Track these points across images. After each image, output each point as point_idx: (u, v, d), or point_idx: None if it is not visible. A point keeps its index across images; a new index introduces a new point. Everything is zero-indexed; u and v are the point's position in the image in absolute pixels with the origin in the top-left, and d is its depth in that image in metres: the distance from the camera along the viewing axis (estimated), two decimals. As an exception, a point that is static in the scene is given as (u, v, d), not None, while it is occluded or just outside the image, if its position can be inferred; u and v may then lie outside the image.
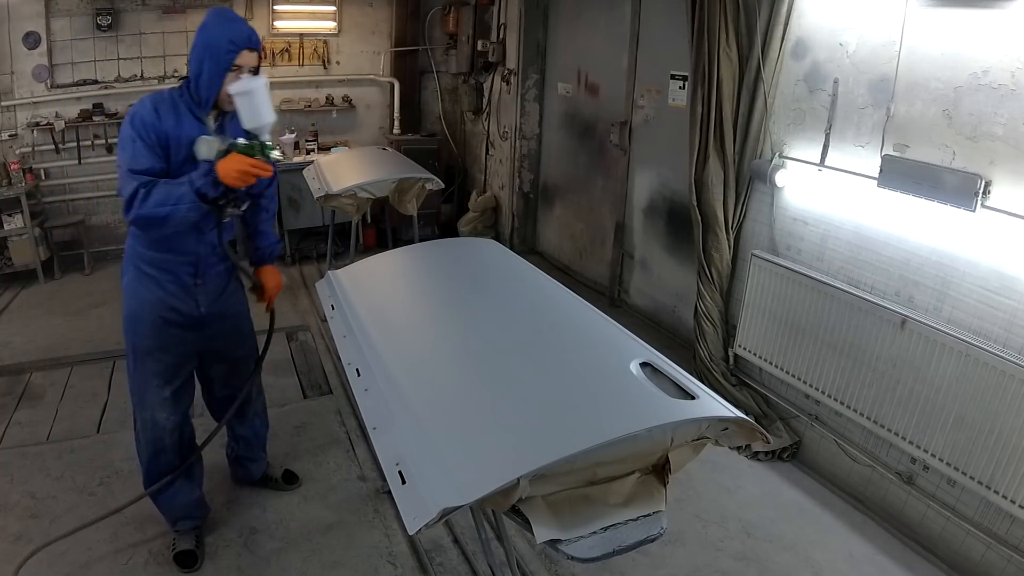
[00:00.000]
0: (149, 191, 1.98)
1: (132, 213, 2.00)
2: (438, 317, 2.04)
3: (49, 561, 2.39)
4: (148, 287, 2.25)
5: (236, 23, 2.06)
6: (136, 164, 2.01)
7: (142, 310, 2.26)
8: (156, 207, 1.98)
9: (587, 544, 1.31)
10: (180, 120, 2.08)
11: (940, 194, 2.33)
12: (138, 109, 2.06)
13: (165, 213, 2.00)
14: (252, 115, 2.03)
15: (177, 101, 2.10)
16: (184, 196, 2.00)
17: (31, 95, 4.96)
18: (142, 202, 1.98)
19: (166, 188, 2.00)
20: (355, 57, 5.94)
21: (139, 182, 1.98)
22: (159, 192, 1.99)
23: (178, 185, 2.01)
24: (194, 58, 2.06)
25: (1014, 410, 2.18)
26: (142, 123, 2.02)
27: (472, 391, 1.58)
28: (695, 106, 3.23)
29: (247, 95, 2.01)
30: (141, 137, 2.02)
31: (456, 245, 2.86)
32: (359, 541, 2.57)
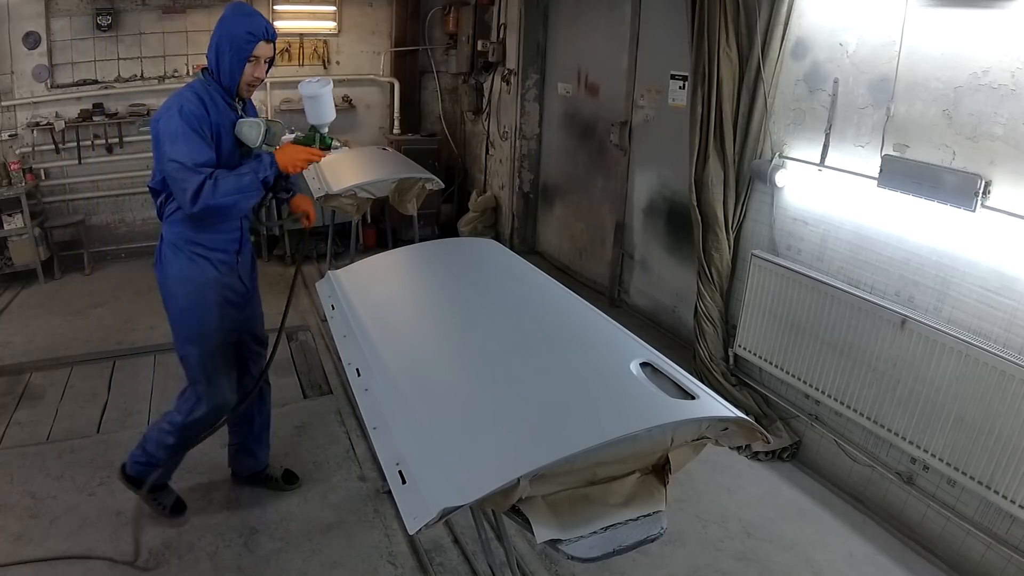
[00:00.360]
0: (216, 182, 2.10)
1: (199, 204, 2.08)
2: (438, 317, 2.04)
3: (50, 561, 2.39)
4: (204, 269, 2.33)
5: (254, 16, 2.19)
6: (199, 157, 2.10)
7: (205, 293, 2.34)
8: (225, 196, 2.11)
9: (587, 544, 1.31)
10: (219, 108, 2.21)
11: (940, 194, 2.33)
12: (184, 103, 2.13)
13: (233, 202, 2.14)
14: (318, 114, 2.29)
15: (211, 91, 2.20)
16: (250, 185, 2.15)
17: (31, 95, 4.96)
18: (212, 193, 2.08)
19: (233, 179, 2.12)
20: (355, 57, 5.94)
21: (204, 174, 2.09)
22: (226, 183, 2.11)
23: (241, 175, 2.14)
24: (214, 49, 2.18)
25: (1014, 410, 2.18)
26: (193, 115, 2.11)
27: (472, 391, 1.58)
28: (695, 106, 3.23)
29: (316, 99, 2.26)
30: (195, 129, 2.11)
31: (456, 245, 2.87)
32: (359, 541, 2.57)
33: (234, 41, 2.14)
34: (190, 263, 2.32)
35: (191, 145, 2.10)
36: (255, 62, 2.20)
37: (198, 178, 2.07)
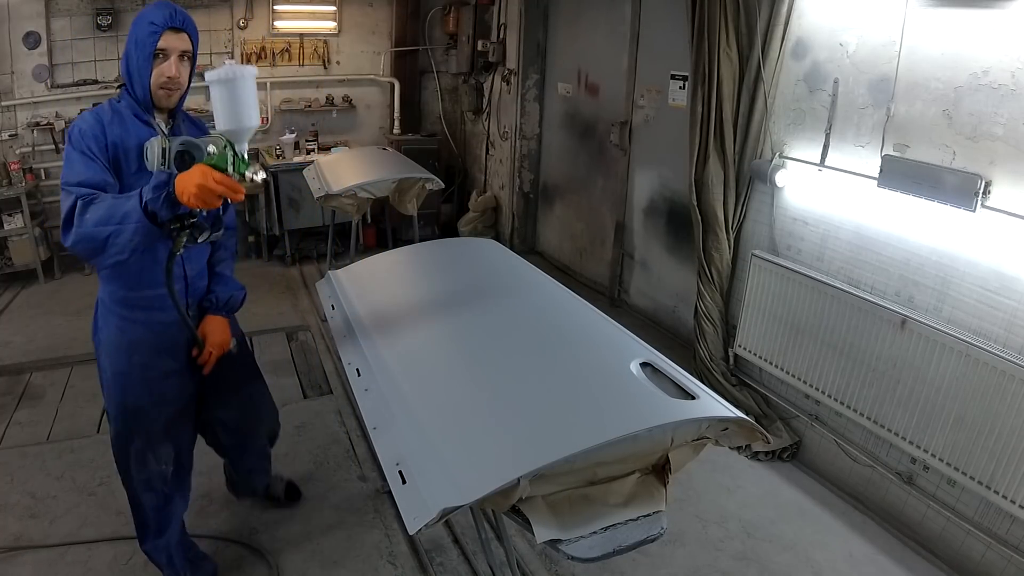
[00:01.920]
0: (87, 206, 1.63)
1: (70, 235, 1.64)
2: (438, 317, 2.04)
3: (50, 561, 2.39)
4: (136, 332, 1.94)
5: (162, 6, 1.79)
6: (72, 176, 1.70)
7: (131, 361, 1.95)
8: (96, 226, 1.61)
9: (587, 544, 1.31)
10: (126, 126, 1.81)
11: (940, 194, 2.33)
12: (78, 123, 1.80)
13: (107, 234, 1.60)
14: (228, 113, 1.58)
15: (119, 108, 1.84)
16: (130, 214, 1.58)
17: (31, 95, 4.96)
18: (80, 219, 1.62)
19: (109, 203, 1.62)
20: (355, 57, 5.94)
21: (76, 195, 1.65)
22: (100, 208, 1.62)
23: (124, 200, 1.62)
24: (124, 55, 1.84)
25: (1014, 410, 2.18)
26: (80, 135, 1.76)
27: (472, 391, 1.58)
28: (695, 106, 3.23)
29: (224, 84, 1.57)
30: (81, 150, 1.74)
31: (456, 245, 2.86)
32: (359, 541, 2.57)
33: (138, 38, 1.77)
34: (120, 329, 1.94)
35: (71, 165, 1.73)
36: (163, 58, 1.77)
37: (70, 199, 1.65)
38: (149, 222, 1.58)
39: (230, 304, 2.12)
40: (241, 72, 1.57)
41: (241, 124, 1.59)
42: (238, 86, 1.57)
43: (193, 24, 1.82)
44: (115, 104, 1.85)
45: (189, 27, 1.80)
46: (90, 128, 1.77)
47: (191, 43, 1.82)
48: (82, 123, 1.80)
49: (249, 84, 1.59)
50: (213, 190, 1.53)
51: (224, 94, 1.57)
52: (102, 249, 1.62)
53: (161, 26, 1.75)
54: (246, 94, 1.58)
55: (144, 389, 1.98)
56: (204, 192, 1.52)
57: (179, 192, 1.55)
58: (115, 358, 1.96)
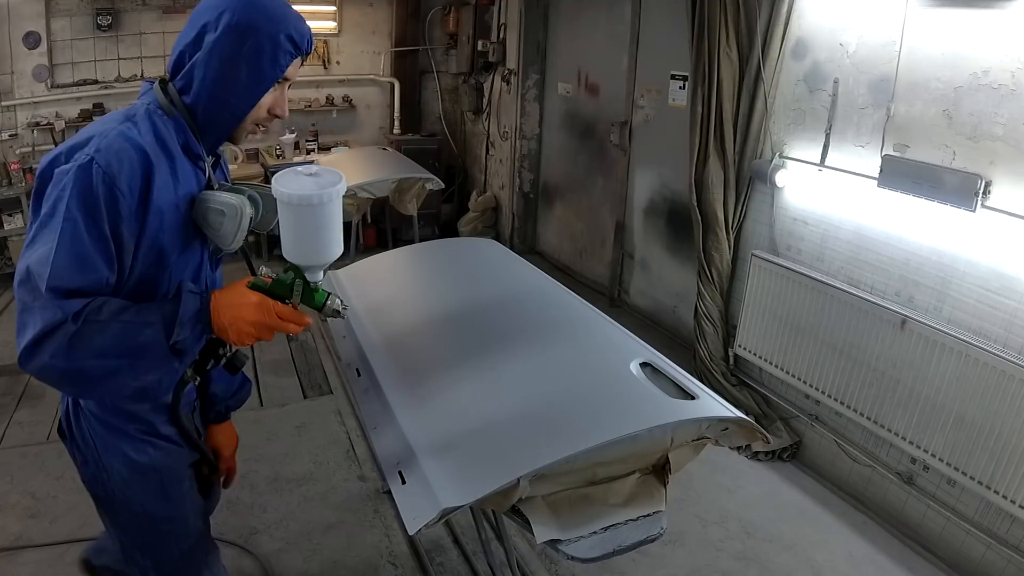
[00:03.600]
0: (85, 327, 1.06)
1: (37, 362, 1.06)
2: (438, 317, 2.04)
3: (49, 561, 2.39)
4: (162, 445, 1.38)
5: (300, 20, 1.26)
6: (69, 278, 1.07)
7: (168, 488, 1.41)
8: (94, 358, 1.07)
9: (587, 544, 1.31)
10: (174, 165, 1.20)
11: (940, 194, 2.33)
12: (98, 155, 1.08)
13: (106, 371, 1.09)
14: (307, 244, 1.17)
15: (164, 130, 1.20)
16: (147, 348, 1.10)
17: (31, 95, 4.96)
18: (67, 347, 1.05)
19: (118, 327, 1.08)
20: (355, 57, 5.94)
21: (66, 311, 1.05)
22: (104, 333, 1.07)
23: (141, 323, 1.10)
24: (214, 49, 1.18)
25: (1014, 410, 2.18)
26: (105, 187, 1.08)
27: (472, 391, 1.58)
28: (695, 106, 3.23)
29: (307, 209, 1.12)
30: (90, 216, 1.07)
31: (456, 245, 2.86)
32: (359, 541, 2.57)
33: (260, 45, 1.19)
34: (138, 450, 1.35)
35: (72, 249, 1.07)
36: (280, 88, 1.29)
37: (54, 314, 1.05)
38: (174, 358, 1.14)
39: (239, 399, 1.63)
40: (330, 193, 1.12)
41: (322, 258, 1.19)
42: (322, 213, 1.13)
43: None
44: (157, 123, 1.19)
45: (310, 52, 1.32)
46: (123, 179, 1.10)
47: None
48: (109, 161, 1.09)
49: (338, 207, 1.16)
50: (273, 327, 1.17)
51: (301, 220, 1.13)
52: (90, 387, 1.14)
53: (302, 51, 1.27)
54: (334, 219, 1.16)
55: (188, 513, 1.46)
56: (261, 329, 1.17)
57: (221, 326, 1.15)
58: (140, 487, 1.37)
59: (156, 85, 1.24)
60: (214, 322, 1.15)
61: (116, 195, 1.09)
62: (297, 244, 1.17)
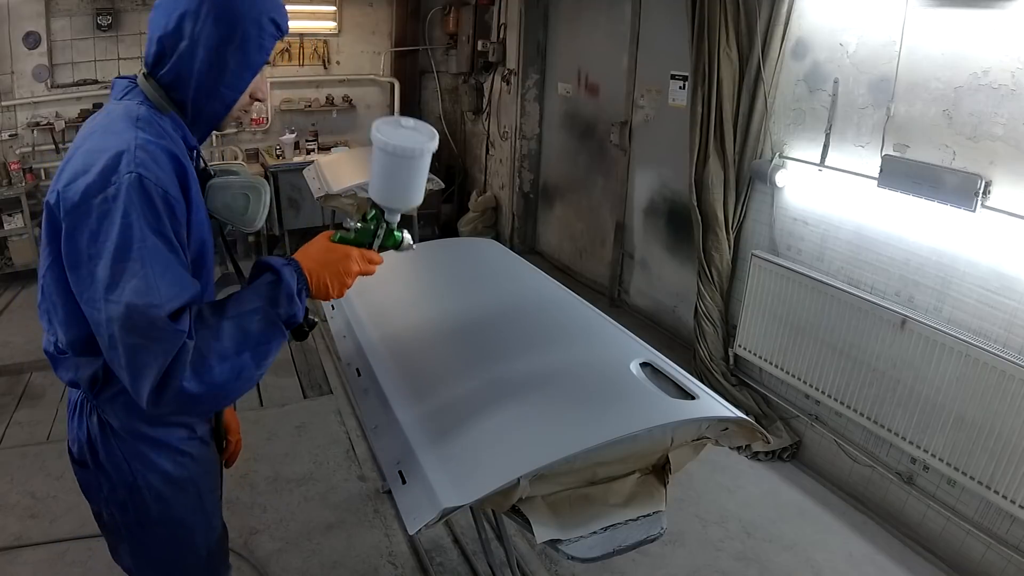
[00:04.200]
0: (200, 342, 1.05)
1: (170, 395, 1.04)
2: (438, 317, 2.04)
3: (49, 561, 2.39)
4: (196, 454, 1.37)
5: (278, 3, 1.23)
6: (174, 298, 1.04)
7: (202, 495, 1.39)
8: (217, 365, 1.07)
9: (587, 544, 1.31)
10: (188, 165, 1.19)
11: (940, 194, 2.33)
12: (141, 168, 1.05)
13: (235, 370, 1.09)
14: (394, 189, 1.21)
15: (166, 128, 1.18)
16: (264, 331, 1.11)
17: (31, 95, 4.96)
18: (195, 368, 1.04)
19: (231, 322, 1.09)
20: (355, 57, 5.94)
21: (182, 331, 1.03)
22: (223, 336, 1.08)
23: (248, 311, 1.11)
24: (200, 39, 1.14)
25: (1014, 410, 2.18)
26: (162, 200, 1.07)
27: (472, 391, 1.58)
28: (695, 106, 3.23)
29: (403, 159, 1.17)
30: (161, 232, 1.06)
31: (456, 245, 2.86)
32: (359, 541, 2.57)
33: (247, 32, 1.16)
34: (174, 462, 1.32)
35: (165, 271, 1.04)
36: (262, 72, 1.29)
37: (176, 341, 1.02)
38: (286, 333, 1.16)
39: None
40: (429, 146, 1.18)
41: (408, 203, 1.24)
42: (418, 163, 1.19)
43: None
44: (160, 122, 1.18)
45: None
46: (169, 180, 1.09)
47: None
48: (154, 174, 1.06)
49: (428, 159, 1.21)
50: (367, 272, 1.24)
51: (397, 168, 1.18)
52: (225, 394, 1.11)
53: (283, 31, 1.25)
54: (423, 170, 1.22)
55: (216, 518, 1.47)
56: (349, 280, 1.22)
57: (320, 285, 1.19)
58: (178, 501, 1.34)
59: (141, 80, 1.21)
60: (312, 283, 1.18)
61: (171, 203, 1.09)
62: (387, 188, 1.22)
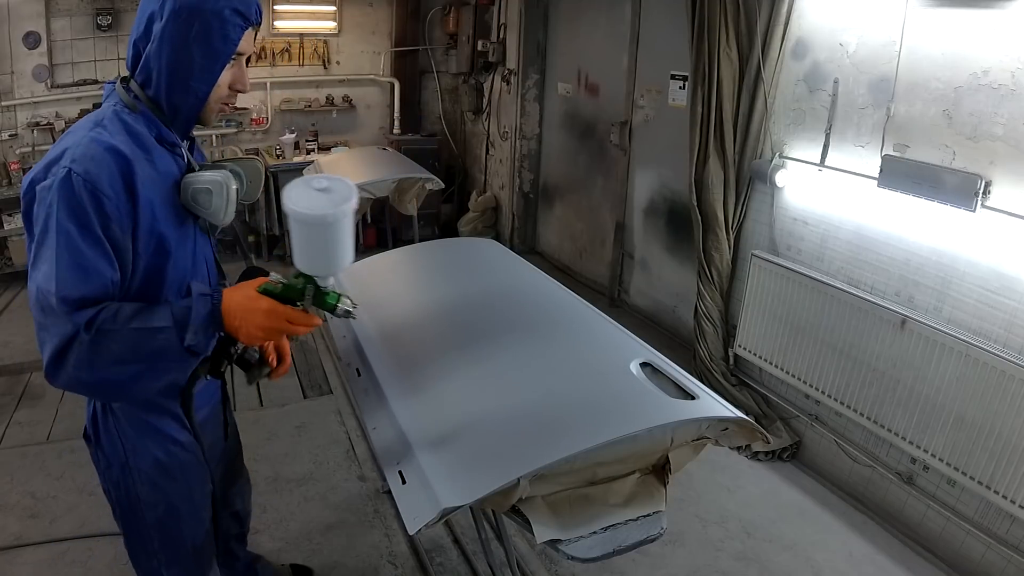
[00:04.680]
0: (98, 337, 1.10)
1: (63, 377, 1.12)
2: (438, 317, 2.04)
3: (49, 561, 2.39)
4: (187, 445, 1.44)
5: None
6: (74, 288, 1.11)
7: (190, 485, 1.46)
8: (113, 365, 1.12)
9: (587, 544, 1.31)
10: (152, 159, 1.23)
11: (940, 194, 2.33)
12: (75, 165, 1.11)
13: (127, 376, 1.14)
14: (320, 256, 1.17)
15: (134, 128, 1.23)
16: (164, 352, 1.14)
17: (31, 95, 4.96)
18: (86, 359, 1.10)
19: (130, 333, 1.12)
20: (355, 57, 5.94)
21: (77, 322, 1.10)
22: (117, 342, 1.11)
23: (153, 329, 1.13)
24: (165, 38, 1.19)
25: (1014, 410, 2.18)
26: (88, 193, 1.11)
27: (472, 391, 1.58)
28: (695, 106, 3.23)
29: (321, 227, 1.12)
30: (82, 224, 1.11)
31: (456, 245, 2.86)
32: (359, 541, 2.57)
33: (208, 24, 1.19)
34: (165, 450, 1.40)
35: (73, 260, 1.11)
36: (238, 63, 1.29)
37: (66, 327, 1.09)
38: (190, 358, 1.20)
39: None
40: (344, 210, 1.11)
41: (332, 269, 1.20)
42: (335, 228, 1.13)
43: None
44: (126, 121, 1.23)
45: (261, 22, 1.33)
46: (103, 182, 1.12)
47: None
48: (86, 168, 1.11)
49: (350, 220, 1.14)
50: (283, 331, 1.20)
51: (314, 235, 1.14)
52: (117, 391, 1.21)
53: (251, 21, 1.26)
54: (345, 232, 1.15)
55: (205, 511, 1.52)
56: (271, 334, 1.20)
57: (232, 328, 1.18)
58: (164, 485, 1.41)
59: (118, 84, 1.28)
60: (226, 323, 1.18)
61: (100, 198, 1.12)
62: (309, 256, 1.18)
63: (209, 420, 1.58)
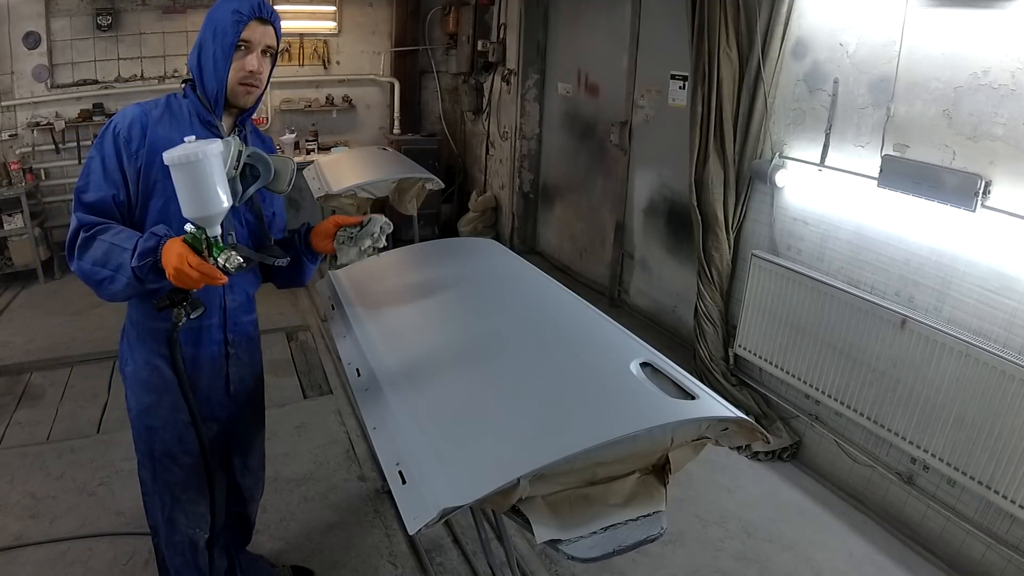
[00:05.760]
0: (89, 241, 1.51)
1: (72, 261, 1.54)
2: (438, 317, 2.04)
3: (49, 561, 2.39)
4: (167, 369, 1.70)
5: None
6: (84, 193, 1.55)
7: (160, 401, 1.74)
8: (92, 266, 1.50)
9: (587, 544, 1.31)
10: (180, 127, 1.60)
11: (940, 194, 2.33)
12: (116, 118, 1.59)
13: (101, 278, 1.50)
14: (192, 199, 1.39)
15: (178, 106, 1.64)
16: (123, 267, 1.46)
17: (31, 95, 4.97)
18: (79, 252, 1.52)
19: (108, 245, 1.48)
20: (355, 57, 5.94)
21: (81, 221, 1.52)
22: (98, 248, 1.49)
23: (121, 247, 1.47)
24: (197, 47, 1.63)
25: (1014, 410, 2.18)
26: (113, 135, 1.56)
27: (472, 391, 1.58)
28: (695, 106, 3.23)
29: (185, 168, 1.37)
30: (103, 157, 1.56)
31: (456, 245, 2.86)
32: (359, 541, 2.57)
33: (217, 26, 1.57)
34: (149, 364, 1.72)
35: (87, 174, 1.56)
36: (246, 51, 1.60)
37: (75, 222, 1.53)
38: (139, 282, 1.46)
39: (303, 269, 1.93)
40: (203, 152, 1.37)
41: (206, 211, 1.40)
42: (200, 168, 1.37)
43: (278, 17, 1.67)
44: (174, 101, 1.65)
45: (276, 20, 1.65)
46: (126, 128, 1.57)
47: (275, 38, 1.66)
48: (121, 120, 1.58)
49: (214, 164, 1.39)
50: (188, 275, 1.39)
51: (186, 178, 1.38)
52: (98, 288, 1.52)
53: (247, 15, 1.57)
54: (211, 176, 1.39)
55: (174, 434, 1.75)
56: (181, 275, 1.39)
57: (164, 264, 1.42)
58: (141, 396, 1.74)
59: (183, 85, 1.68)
60: (163, 263, 1.43)
61: (120, 141, 1.57)
62: (187, 201, 1.41)
63: (205, 363, 1.78)
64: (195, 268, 1.39)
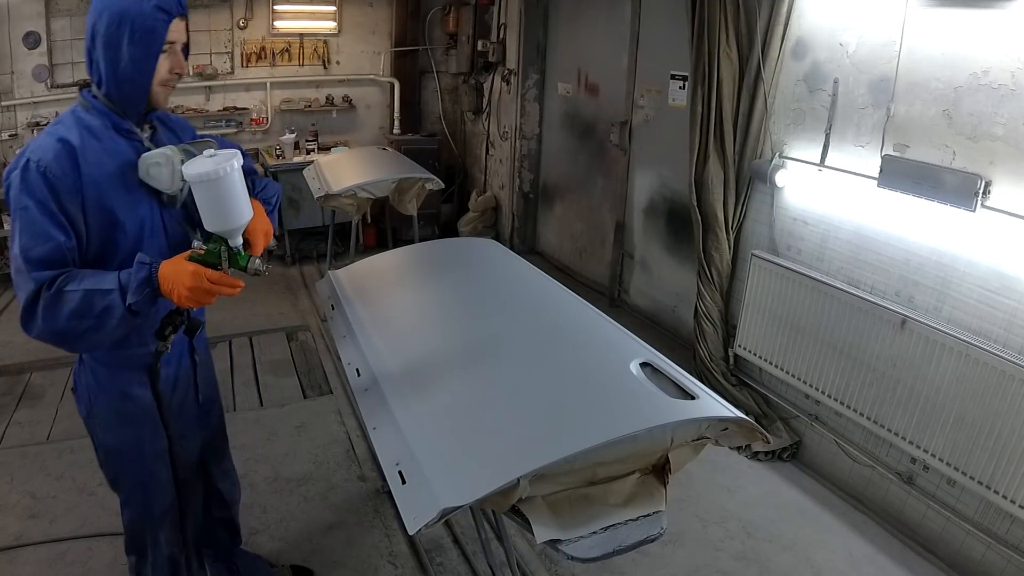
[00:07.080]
0: (57, 296, 1.34)
1: (35, 328, 1.36)
2: (438, 317, 2.04)
3: (49, 561, 2.39)
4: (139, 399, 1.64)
5: None
6: (30, 249, 1.35)
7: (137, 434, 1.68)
8: (70, 320, 1.34)
9: (587, 544, 1.31)
10: (104, 147, 1.45)
11: (940, 194, 2.33)
12: (31, 156, 1.37)
13: (83, 329, 1.36)
14: (216, 214, 1.38)
15: (89, 122, 1.45)
16: (111, 310, 1.34)
17: (31, 95, 4.96)
18: (47, 313, 1.34)
19: (83, 293, 1.34)
20: (355, 57, 5.94)
21: (39, 280, 1.34)
22: (73, 298, 1.34)
23: (102, 290, 1.34)
24: (98, 45, 1.41)
25: (1014, 410, 2.18)
26: (39, 176, 1.35)
27: (472, 391, 1.58)
28: (695, 106, 3.23)
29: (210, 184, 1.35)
30: (39, 200, 1.35)
31: (456, 245, 2.86)
32: (359, 541, 2.57)
33: (135, 24, 1.38)
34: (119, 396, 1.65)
35: (31, 228, 1.35)
36: (170, 51, 1.46)
37: (30, 284, 1.34)
38: (134, 317, 1.37)
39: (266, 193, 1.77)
40: (226, 168, 1.34)
41: (232, 224, 1.39)
42: (224, 184, 1.35)
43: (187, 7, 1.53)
44: (84, 117, 1.46)
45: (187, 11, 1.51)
46: (54, 164, 1.37)
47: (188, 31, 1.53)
48: (42, 155, 1.37)
49: (236, 178, 1.38)
50: (209, 291, 1.36)
51: (210, 193, 1.36)
52: (76, 343, 1.42)
53: (173, 13, 1.44)
54: (234, 188, 1.38)
55: (157, 463, 1.71)
56: (198, 294, 1.36)
57: (167, 292, 1.36)
58: (117, 431, 1.68)
59: (79, 90, 1.51)
60: (162, 288, 1.37)
61: (51, 179, 1.37)
62: (212, 215, 1.39)
63: (180, 380, 1.76)
64: (216, 283, 1.37)
